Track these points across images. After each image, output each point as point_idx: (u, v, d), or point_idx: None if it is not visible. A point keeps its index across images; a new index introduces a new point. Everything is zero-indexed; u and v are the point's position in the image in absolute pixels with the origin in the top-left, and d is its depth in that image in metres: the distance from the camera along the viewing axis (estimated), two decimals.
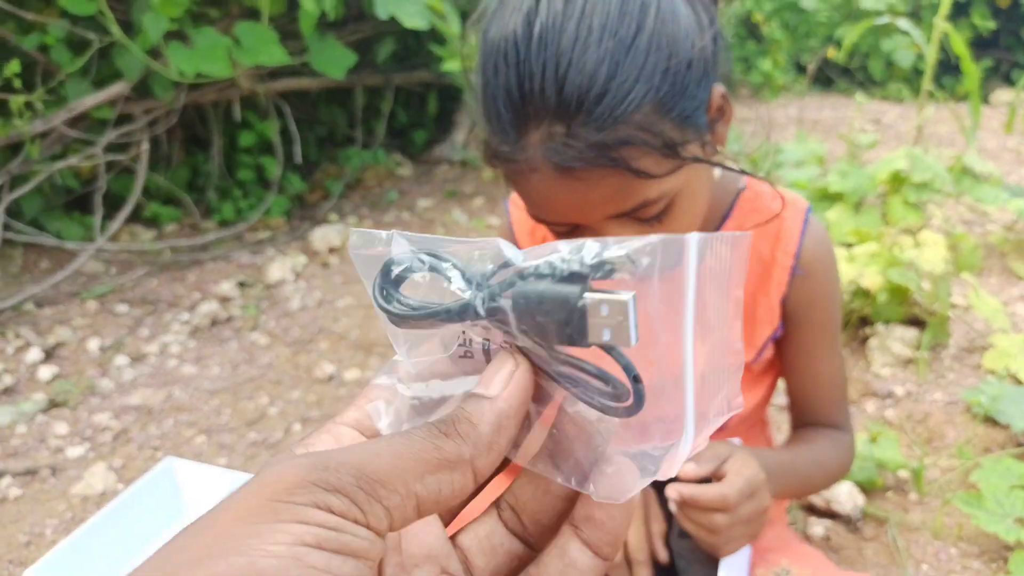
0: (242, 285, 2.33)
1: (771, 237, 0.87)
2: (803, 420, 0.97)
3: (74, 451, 1.57)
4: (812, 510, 1.37)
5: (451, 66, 2.76)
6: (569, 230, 0.72)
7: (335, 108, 3.43)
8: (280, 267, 2.39)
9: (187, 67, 2.28)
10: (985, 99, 4.32)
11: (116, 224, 2.43)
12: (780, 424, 1.63)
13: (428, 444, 0.26)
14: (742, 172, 0.79)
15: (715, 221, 0.88)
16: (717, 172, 0.87)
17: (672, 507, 0.74)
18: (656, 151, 0.65)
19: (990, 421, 1.58)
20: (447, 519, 0.32)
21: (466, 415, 0.27)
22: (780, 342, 0.93)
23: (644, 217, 0.70)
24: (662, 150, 0.65)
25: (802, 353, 0.93)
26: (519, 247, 1.00)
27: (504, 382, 0.28)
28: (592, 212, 0.69)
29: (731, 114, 0.75)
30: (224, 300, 2.23)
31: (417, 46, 3.53)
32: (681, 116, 0.66)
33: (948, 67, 4.65)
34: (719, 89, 0.72)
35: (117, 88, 2.35)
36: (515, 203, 0.98)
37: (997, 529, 1.24)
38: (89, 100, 2.32)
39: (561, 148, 0.64)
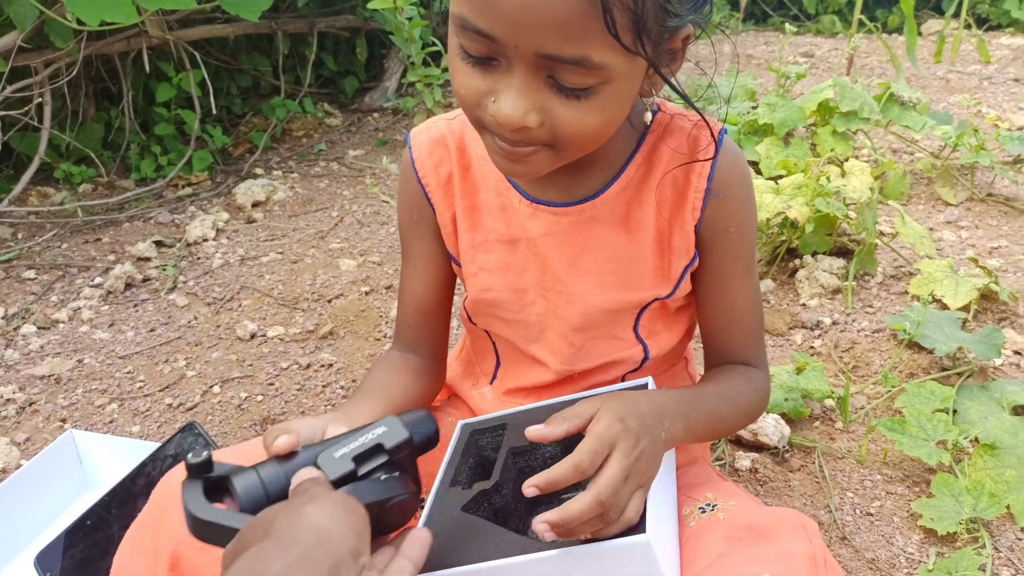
0: (160, 245, 2.23)
1: (691, 179, 0.82)
2: (716, 358, 0.93)
3: None
4: (739, 443, 1.37)
5: (379, 3, 2.64)
6: (484, 57, 0.66)
7: (257, 56, 3.28)
8: (201, 225, 2.29)
9: (87, 16, 2.13)
10: (916, 30, 4.33)
11: (19, 186, 2.30)
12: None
13: None
14: (687, 103, 0.75)
15: (630, 144, 0.83)
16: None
17: (539, 527, 0.66)
18: (630, 18, 0.61)
19: (915, 347, 1.59)
20: None
21: None
22: (695, 273, 0.89)
23: (568, 84, 0.65)
24: (633, 23, 0.62)
25: (717, 282, 0.88)
26: (423, 182, 0.92)
27: None
28: (533, 32, 0.62)
29: (679, 65, 0.72)
30: (140, 261, 2.13)
31: None
32: (663, 12, 0.64)
33: None
34: (688, 30, 0.69)
35: (9, 38, 2.19)
36: (416, 136, 0.91)
37: (920, 453, 1.26)
38: None
39: None
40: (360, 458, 0.62)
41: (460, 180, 0.88)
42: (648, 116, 0.82)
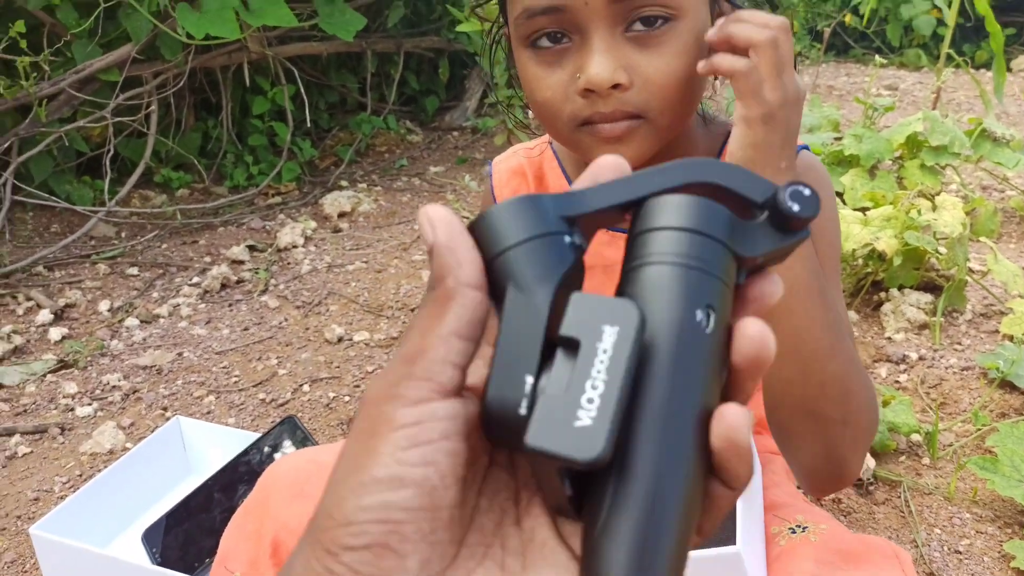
0: (253, 249, 2.32)
1: None
2: None
3: (83, 410, 1.58)
4: None
5: (467, 27, 2.72)
6: (557, 33, 0.69)
7: (346, 74, 3.40)
8: (291, 232, 2.38)
9: (195, 29, 2.26)
10: (1006, 65, 4.24)
11: (125, 188, 2.43)
12: None
13: (425, 305, 0.31)
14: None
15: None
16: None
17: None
18: None
19: (1006, 386, 1.56)
20: None
21: (436, 266, 0.32)
22: None
23: (643, 16, 0.67)
24: None
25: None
26: None
27: (431, 227, 0.32)
28: None
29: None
30: (235, 263, 2.23)
31: (428, 11, 3.48)
32: None
33: (967, 33, 4.56)
34: None
35: (124, 50, 2.33)
36: (497, 165, 0.95)
37: (1014, 494, 1.23)
38: (97, 62, 2.30)
39: None
40: None
41: None
42: (727, 129, 0.83)
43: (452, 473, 0.29)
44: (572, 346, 0.28)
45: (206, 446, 1.34)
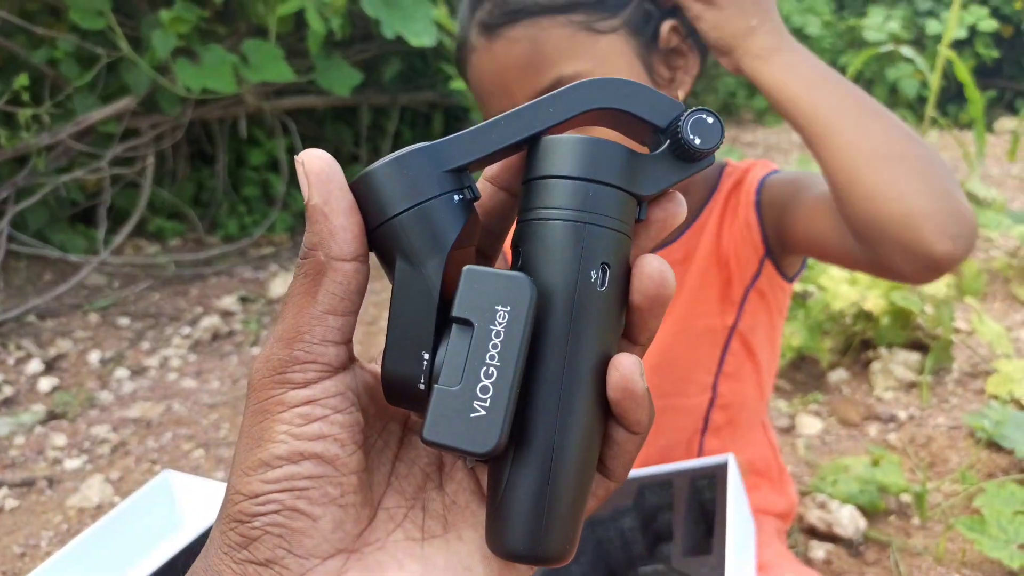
0: (244, 300, 2.33)
1: (740, 197, 0.90)
2: None
3: (72, 463, 1.56)
4: (813, 533, 1.36)
5: (460, 84, 2.78)
6: None
7: (341, 126, 3.46)
8: (282, 282, 2.39)
9: (194, 83, 2.30)
10: (989, 127, 4.34)
11: (120, 238, 2.44)
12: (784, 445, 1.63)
13: (298, 277, 0.30)
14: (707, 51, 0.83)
15: (703, 196, 0.92)
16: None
17: None
18: (569, 26, 0.77)
19: (993, 446, 1.57)
20: None
21: (308, 231, 0.30)
22: (812, 243, 0.82)
23: None
24: (576, 23, 0.77)
25: (824, 199, 0.78)
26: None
27: (307, 184, 0.31)
28: (513, 88, 0.77)
29: (693, 63, 0.83)
30: (226, 315, 2.23)
31: (423, 66, 3.56)
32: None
33: (952, 95, 4.68)
34: (670, 23, 0.81)
35: (124, 103, 2.37)
36: None
37: (1000, 555, 1.23)
38: (96, 114, 2.33)
39: (487, 11, 0.79)
40: None
41: None
42: (719, 168, 0.94)
43: (352, 441, 0.29)
44: (467, 324, 0.28)
45: (196, 501, 1.33)
